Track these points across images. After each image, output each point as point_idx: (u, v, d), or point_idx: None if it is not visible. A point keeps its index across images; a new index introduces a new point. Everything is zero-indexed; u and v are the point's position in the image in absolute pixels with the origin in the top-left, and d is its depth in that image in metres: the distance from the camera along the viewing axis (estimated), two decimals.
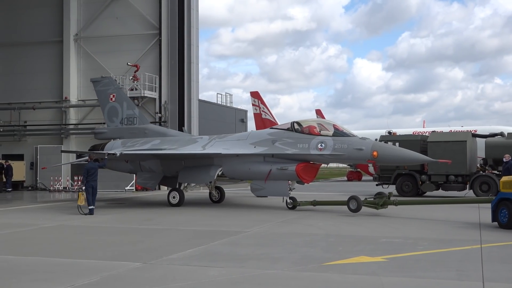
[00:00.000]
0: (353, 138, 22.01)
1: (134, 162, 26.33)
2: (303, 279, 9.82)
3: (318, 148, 22.12)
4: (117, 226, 18.08)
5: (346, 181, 53.35)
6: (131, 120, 28.21)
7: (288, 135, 22.96)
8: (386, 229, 16.45)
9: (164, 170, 25.64)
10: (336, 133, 22.19)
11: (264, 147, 23.22)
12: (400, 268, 10.55)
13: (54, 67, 39.05)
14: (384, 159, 21.61)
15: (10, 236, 15.64)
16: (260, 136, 23.99)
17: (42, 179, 37.45)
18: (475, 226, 16.71)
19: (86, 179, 21.35)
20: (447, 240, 14.21)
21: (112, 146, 27.24)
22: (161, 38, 36.16)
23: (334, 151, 21.85)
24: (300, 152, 22.43)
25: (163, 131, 28.12)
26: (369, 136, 47.45)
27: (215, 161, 24.11)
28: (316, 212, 21.30)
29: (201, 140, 25.85)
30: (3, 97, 40.07)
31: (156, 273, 10.35)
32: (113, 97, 28.70)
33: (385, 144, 22.85)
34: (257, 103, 69.49)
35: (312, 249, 12.78)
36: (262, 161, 23.15)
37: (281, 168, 22.46)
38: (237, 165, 23.68)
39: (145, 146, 26.20)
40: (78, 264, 11.21)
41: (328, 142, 21.99)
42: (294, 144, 22.62)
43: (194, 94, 35.94)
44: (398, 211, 20.64)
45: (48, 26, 39.43)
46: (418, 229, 16.32)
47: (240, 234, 15.44)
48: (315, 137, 22.35)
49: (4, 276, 10.17)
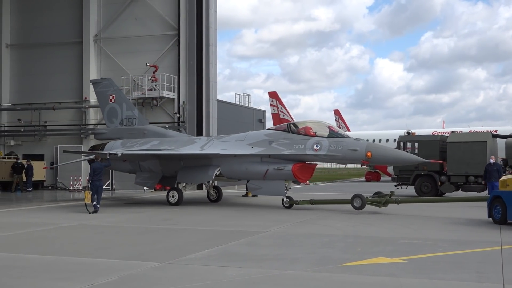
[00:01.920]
0: (348, 139, 22.64)
1: (133, 162, 26.76)
2: (321, 279, 9.80)
3: (314, 148, 22.65)
4: (136, 225, 18.19)
5: (364, 181, 53.09)
6: (131, 121, 28.80)
7: (285, 136, 23.52)
8: (405, 230, 16.36)
9: (163, 170, 26.12)
10: (331, 134, 22.78)
11: (261, 148, 23.72)
12: (419, 270, 10.48)
13: (74, 68, 39.35)
14: (377, 159, 22.23)
15: (30, 235, 15.81)
16: (257, 137, 24.49)
17: (62, 178, 37.79)
18: (495, 227, 16.55)
19: (92, 178, 21.96)
20: (466, 241, 14.10)
21: (112, 146, 27.75)
22: (180, 39, 36.27)
23: (329, 151, 22.39)
24: (296, 153, 22.96)
25: (162, 132, 28.63)
26: (389, 136, 47.61)
27: (213, 161, 24.58)
28: (335, 212, 21.26)
29: (200, 140, 26.46)
30: (24, 98, 40.51)
31: (174, 273, 10.40)
32: (112, 98, 29.29)
33: (378, 145, 23.68)
34: (275, 103, 69.58)
35: (330, 250, 12.75)
36: (259, 161, 23.62)
37: (278, 168, 22.96)
38: (235, 165, 24.15)
39: (145, 147, 26.71)
40: (97, 263, 11.30)
41: (323, 143, 22.53)
42: (291, 145, 23.16)
43: (212, 94, 36.00)
44: (414, 210, 20.57)
45: (68, 27, 39.75)
46: (438, 230, 16.20)
47: (258, 234, 15.45)
48: (311, 138, 22.90)
49: (25, 275, 10.28)
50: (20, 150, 40.08)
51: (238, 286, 9.36)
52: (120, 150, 25.81)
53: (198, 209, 23.29)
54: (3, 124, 41.35)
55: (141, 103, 36.99)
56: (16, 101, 41.03)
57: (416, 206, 22.54)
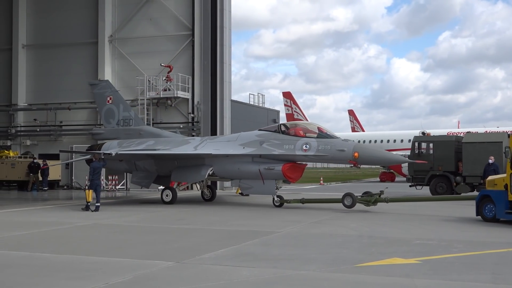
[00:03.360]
0: (336, 139, 23.28)
1: (129, 162, 27.36)
2: (336, 280, 9.79)
3: (303, 149, 23.28)
4: (150, 225, 18.27)
5: (379, 182, 52.86)
6: (127, 122, 29.51)
7: (275, 137, 24.17)
8: (420, 230, 16.29)
9: (158, 169, 26.73)
10: (320, 135, 23.42)
11: (252, 148, 24.34)
12: (434, 271, 10.43)
13: (89, 68, 39.58)
14: (364, 159, 22.84)
15: (46, 234, 15.93)
16: (248, 138, 25.07)
17: (77, 178, 38.00)
18: (510, 227, 16.42)
19: (92, 177, 22.66)
20: (482, 242, 14.00)
21: (109, 146, 28.34)
22: (194, 39, 36.36)
23: (318, 152, 23.01)
24: (286, 153, 23.57)
25: (157, 132, 29.23)
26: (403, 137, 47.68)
27: (206, 161, 25.14)
28: (349, 213, 21.23)
29: (194, 141, 27.10)
30: (40, 98, 40.84)
31: (189, 272, 10.43)
32: (110, 99, 29.95)
33: (365, 145, 24.40)
34: (289, 103, 69.58)
35: (344, 250, 12.73)
36: (250, 161, 24.22)
37: (268, 168, 23.55)
38: (227, 165, 24.75)
39: (140, 147, 27.33)
40: (112, 263, 11.37)
41: (312, 144, 23.17)
42: (281, 145, 23.77)
43: (227, 94, 36.04)
44: (427, 210, 20.46)
45: (84, 27, 40.00)
46: (452, 231, 16.11)
47: (272, 234, 15.46)
48: (301, 139, 23.52)
49: (41, 273, 10.37)
50: (36, 150, 40.42)
51: (252, 286, 9.37)
52: (115, 150, 26.40)
53: (212, 209, 23.34)
54: (20, 124, 41.71)
55: (155, 103, 37.16)
56: (32, 101, 41.38)
57: (431, 205, 22.55)
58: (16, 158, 37.49)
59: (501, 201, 17.48)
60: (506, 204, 17.36)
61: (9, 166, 36.23)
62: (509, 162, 17.35)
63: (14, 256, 12.28)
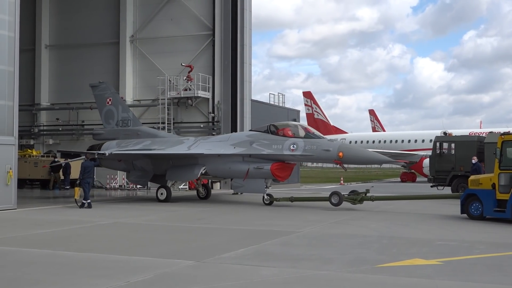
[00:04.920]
0: (322, 140, 24.19)
1: (127, 161, 28.27)
2: (356, 280, 9.75)
3: (290, 149, 24.09)
4: (171, 224, 18.35)
5: (400, 182, 52.55)
6: (126, 122, 30.38)
7: (264, 137, 24.99)
8: (441, 231, 16.16)
9: (154, 168, 27.58)
10: (307, 136, 24.26)
11: (242, 148, 25.15)
12: (456, 272, 10.34)
13: (110, 68, 39.91)
14: (349, 159, 23.55)
15: (68, 233, 16.08)
16: (239, 138, 26.08)
17: (99, 177, 38.30)
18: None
19: (82, 175, 23.51)
20: (504, 243, 13.86)
21: (108, 146, 29.25)
22: (215, 39, 36.47)
23: (305, 151, 23.81)
24: (274, 153, 24.38)
25: (154, 133, 30.09)
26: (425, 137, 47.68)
27: (199, 161, 25.93)
28: (369, 213, 21.17)
29: (188, 141, 27.85)
30: (62, 97, 41.28)
31: (209, 272, 10.46)
32: (109, 101, 30.73)
33: (350, 145, 25.43)
34: (309, 103, 69.47)
35: (365, 251, 12.67)
36: (241, 160, 25.03)
37: (258, 167, 24.38)
38: (219, 164, 25.54)
39: (137, 147, 28.26)
40: (133, 261, 11.44)
41: (299, 144, 23.96)
42: (270, 145, 24.59)
43: (247, 94, 36.09)
44: (450, 210, 20.30)
45: (105, 28, 40.34)
46: (474, 232, 15.96)
47: (292, 234, 15.44)
48: (288, 139, 24.36)
49: (63, 271, 10.47)
50: (58, 149, 40.77)
51: (272, 286, 9.37)
52: (111, 150, 27.55)
53: (232, 209, 23.42)
54: (42, 123, 42.22)
55: (176, 103, 37.34)
56: (55, 100, 41.87)
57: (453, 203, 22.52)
58: (39, 157, 37.86)
59: (489, 199, 18.14)
60: (494, 202, 18.01)
61: (32, 165, 36.60)
62: (497, 162, 18.00)
63: (37, 254, 12.42)
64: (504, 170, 17.85)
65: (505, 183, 17.78)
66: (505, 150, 17.95)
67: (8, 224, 17.90)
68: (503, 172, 17.88)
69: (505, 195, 17.70)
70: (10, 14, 22.61)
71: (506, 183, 17.76)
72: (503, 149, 17.94)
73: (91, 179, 24.03)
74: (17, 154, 23.63)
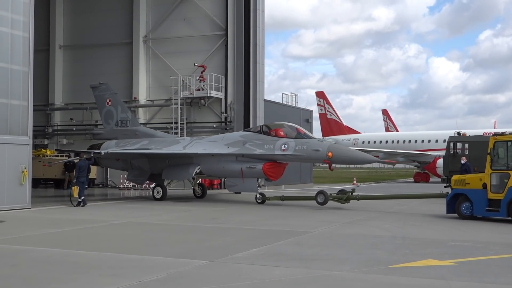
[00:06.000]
0: (312, 140, 24.63)
1: (125, 161, 28.97)
2: (369, 281, 9.71)
3: (281, 149, 24.64)
4: (184, 224, 18.39)
5: (413, 182, 52.30)
6: (125, 123, 31.26)
7: (257, 137, 25.59)
8: (455, 232, 16.06)
9: (151, 168, 28.20)
10: (298, 136, 24.77)
11: (236, 148, 25.75)
12: (470, 273, 10.28)
13: (124, 68, 40.06)
14: (337, 159, 24.05)
15: (83, 232, 16.18)
16: (233, 138, 26.67)
17: (112, 177, 38.52)
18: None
19: (78, 174, 24.13)
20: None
21: (107, 146, 29.93)
22: (227, 39, 36.49)
23: (295, 151, 24.31)
24: (266, 153, 24.95)
25: (151, 133, 30.82)
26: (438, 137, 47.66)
27: (194, 160, 26.57)
28: (383, 213, 21.11)
29: (183, 141, 28.58)
30: (76, 97, 41.47)
31: (222, 271, 10.47)
32: (109, 101, 31.52)
33: (339, 146, 25.95)
34: (322, 103, 69.25)
35: (378, 251, 12.62)
36: (234, 160, 25.64)
37: (250, 167, 24.98)
38: (213, 164, 26.18)
39: (135, 146, 28.91)
40: (146, 261, 11.47)
41: (290, 144, 24.50)
42: (262, 145, 25.17)
43: (260, 94, 36.07)
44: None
45: (119, 28, 40.48)
46: (488, 233, 15.85)
47: (305, 234, 15.42)
48: (280, 139, 24.91)
49: (77, 270, 10.53)
50: (72, 149, 41.01)
51: (285, 286, 9.36)
52: (108, 150, 28.33)
53: (245, 209, 23.44)
54: (56, 123, 42.47)
55: (189, 102, 37.39)
56: (68, 100, 42.09)
57: None
58: (53, 156, 38.10)
59: (480, 199, 18.43)
60: (485, 202, 18.30)
61: (47, 165, 36.81)
62: (488, 162, 18.27)
63: (51, 252, 12.50)
64: (496, 170, 18.19)
65: (497, 183, 18.10)
66: (497, 150, 18.30)
67: (22, 223, 18.05)
68: (494, 172, 18.20)
69: (497, 195, 18.01)
70: (24, 14, 22.81)
71: (498, 183, 18.07)
72: (495, 150, 18.29)
73: (85, 178, 24.63)
74: (32, 153, 23.82)
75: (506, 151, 18.13)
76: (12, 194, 21.86)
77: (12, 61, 22.40)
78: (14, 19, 22.51)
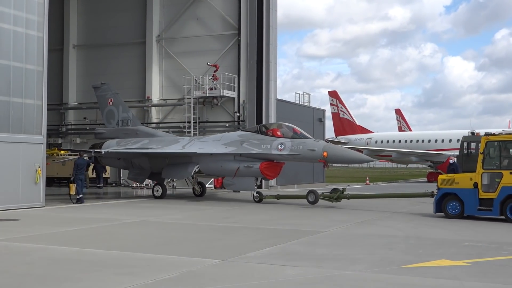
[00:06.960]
0: (308, 140, 24.91)
1: (126, 160, 29.54)
2: (382, 281, 9.68)
3: (278, 148, 25.00)
4: (196, 223, 18.43)
5: (426, 182, 52.01)
6: (126, 122, 31.70)
7: (254, 137, 25.97)
8: (469, 232, 15.97)
9: (152, 167, 28.69)
10: (294, 136, 25.13)
11: (233, 147, 26.14)
12: (484, 273, 10.22)
13: (137, 68, 40.24)
14: (333, 159, 24.43)
15: (96, 230, 16.27)
16: (231, 138, 27.02)
17: (125, 176, 38.64)
18: None
19: (76, 172, 24.60)
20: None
21: (108, 145, 30.38)
22: (240, 38, 36.53)
23: (291, 151, 24.67)
24: (263, 152, 25.35)
25: (152, 132, 31.41)
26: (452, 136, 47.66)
27: (193, 159, 27.03)
28: (396, 213, 21.04)
29: (183, 140, 28.95)
30: (90, 97, 41.45)
31: (234, 271, 10.49)
32: (110, 101, 31.98)
33: (334, 146, 26.17)
34: (335, 102, 69.10)
35: (391, 251, 12.58)
36: (232, 159, 26.00)
37: (247, 166, 25.37)
38: (211, 163, 26.58)
39: (135, 146, 29.41)
40: (159, 259, 11.51)
41: (287, 143, 24.87)
42: (259, 145, 25.55)
43: (272, 93, 36.08)
44: None
45: (132, 28, 40.67)
46: (502, 233, 15.75)
47: (317, 234, 15.41)
48: (277, 139, 25.28)
49: (90, 269, 10.59)
50: (85, 148, 41.22)
51: (298, 286, 9.36)
52: (106, 149, 28.78)
53: (258, 209, 23.43)
54: (70, 122, 42.74)
55: (202, 102, 37.47)
56: (82, 100, 42.34)
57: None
58: (67, 155, 38.32)
59: (471, 198, 18.54)
60: (476, 201, 18.42)
61: (59, 164, 37.07)
62: (480, 162, 18.37)
63: (65, 251, 12.58)
64: (487, 170, 18.31)
65: (488, 182, 18.29)
66: (488, 150, 18.42)
67: (36, 221, 18.18)
68: (486, 172, 18.31)
69: (489, 194, 18.19)
70: (39, 14, 22.97)
71: (489, 182, 18.26)
72: (487, 149, 18.41)
73: (83, 176, 25.27)
74: (45, 152, 24.00)
75: (497, 151, 18.32)
76: (26, 193, 22.05)
77: (27, 60, 22.58)
78: (29, 19, 22.69)
